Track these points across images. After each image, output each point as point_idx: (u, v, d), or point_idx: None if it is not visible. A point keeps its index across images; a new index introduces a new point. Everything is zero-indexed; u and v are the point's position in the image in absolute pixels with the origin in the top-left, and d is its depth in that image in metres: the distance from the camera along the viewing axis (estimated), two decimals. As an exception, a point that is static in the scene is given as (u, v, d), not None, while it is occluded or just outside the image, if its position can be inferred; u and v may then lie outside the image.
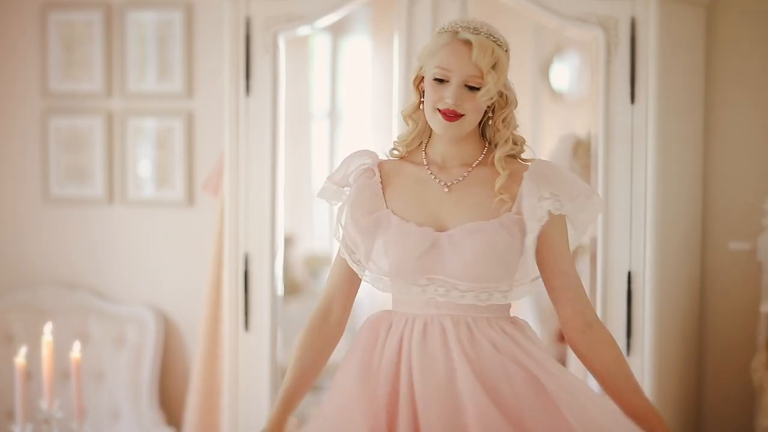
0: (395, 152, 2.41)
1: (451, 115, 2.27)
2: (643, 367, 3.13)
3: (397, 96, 3.32)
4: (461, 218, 2.29)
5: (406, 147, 2.39)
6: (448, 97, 2.26)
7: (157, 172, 4.08)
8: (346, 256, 2.36)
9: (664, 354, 3.19)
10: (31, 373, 3.78)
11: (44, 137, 4.17)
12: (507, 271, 2.28)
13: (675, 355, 3.30)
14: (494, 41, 2.29)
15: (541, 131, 4.48)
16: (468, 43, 2.27)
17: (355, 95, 4.83)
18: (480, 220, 2.28)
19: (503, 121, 2.35)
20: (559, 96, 4.51)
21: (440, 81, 2.28)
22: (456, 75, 2.27)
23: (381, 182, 2.37)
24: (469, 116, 2.29)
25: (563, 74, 4.47)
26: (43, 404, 3.16)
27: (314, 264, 5.15)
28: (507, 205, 2.29)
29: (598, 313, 3.14)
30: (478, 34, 2.27)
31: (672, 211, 3.24)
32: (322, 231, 5.20)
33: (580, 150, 3.80)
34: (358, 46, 4.78)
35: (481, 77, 2.26)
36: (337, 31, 4.62)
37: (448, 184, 2.32)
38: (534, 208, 2.27)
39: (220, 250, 3.59)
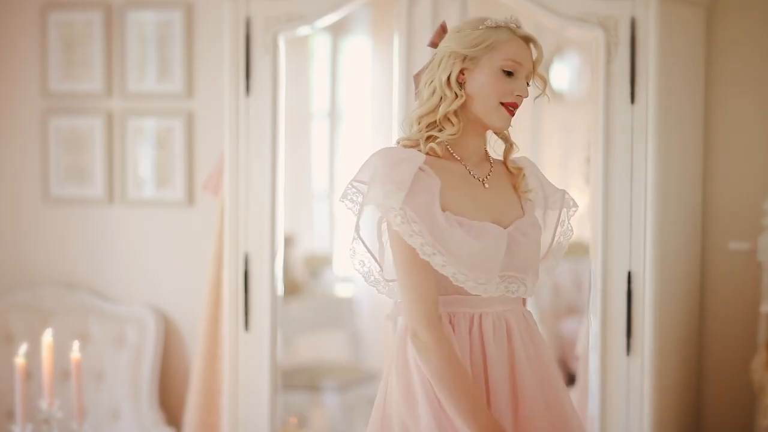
0: (431, 151, 2.29)
1: (514, 108, 2.30)
2: (643, 367, 3.14)
3: (397, 96, 3.32)
4: (510, 213, 2.31)
5: (447, 148, 2.30)
6: (520, 90, 2.28)
7: (157, 172, 4.08)
8: (429, 257, 2.21)
9: (664, 354, 3.19)
10: (31, 373, 3.78)
11: (44, 137, 4.18)
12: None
13: (675, 355, 3.31)
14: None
15: (542, 131, 4.49)
16: (528, 40, 2.30)
17: (355, 95, 4.84)
18: (518, 212, 2.33)
19: None
20: (559, 96, 4.51)
21: (509, 74, 2.27)
22: (523, 69, 2.28)
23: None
24: (516, 109, 2.33)
25: (563, 74, 4.47)
26: (43, 404, 3.16)
27: (314, 264, 5.15)
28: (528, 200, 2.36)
29: (598, 312, 3.15)
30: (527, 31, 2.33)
31: (672, 211, 3.24)
32: (322, 231, 5.20)
33: None
34: (358, 46, 4.78)
35: (531, 75, 2.32)
36: (337, 31, 4.62)
37: (482, 179, 2.31)
38: (556, 200, 2.38)
39: (220, 250, 3.59)
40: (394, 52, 3.32)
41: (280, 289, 3.44)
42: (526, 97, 2.31)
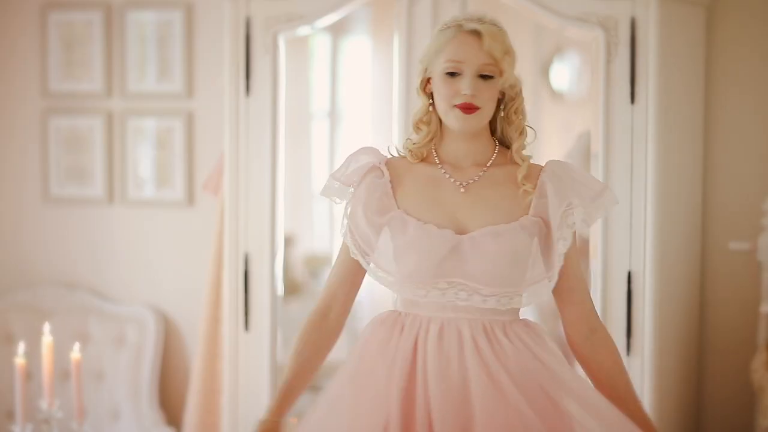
0: (406, 157, 2.35)
1: (469, 108, 2.24)
2: (643, 367, 3.13)
3: (397, 96, 3.32)
4: (480, 220, 2.26)
5: (420, 154, 2.33)
6: (464, 88, 2.23)
7: (157, 172, 4.08)
8: (359, 258, 2.31)
9: (664, 354, 3.19)
10: (31, 373, 3.78)
11: (44, 137, 4.17)
12: (525, 275, 2.26)
13: (675, 355, 3.30)
14: (500, 29, 2.27)
15: (541, 131, 4.48)
16: (476, 33, 2.24)
17: (355, 95, 4.83)
18: (499, 222, 2.25)
19: (515, 111, 2.33)
20: (559, 96, 4.50)
21: (452, 75, 2.24)
22: (469, 66, 2.23)
23: (391, 182, 2.32)
24: (486, 107, 2.26)
25: (563, 74, 4.47)
26: (43, 404, 3.16)
27: (314, 264, 5.15)
28: (527, 199, 2.27)
29: (598, 313, 3.14)
30: (483, 23, 2.25)
31: (672, 211, 3.24)
32: (322, 231, 5.20)
33: None
34: (358, 46, 4.78)
35: (495, 65, 2.24)
36: (337, 31, 4.61)
37: (464, 184, 2.29)
38: (564, 215, 2.27)
39: (220, 250, 3.59)
40: (394, 52, 3.32)
41: (280, 289, 3.44)
42: (472, 94, 2.23)
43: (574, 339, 2.32)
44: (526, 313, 2.40)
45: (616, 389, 2.27)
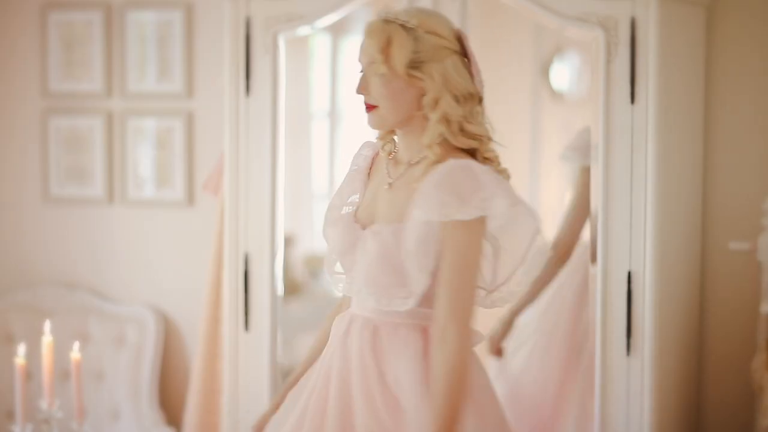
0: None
1: (366, 107, 2.27)
2: (643, 367, 3.13)
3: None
4: (381, 217, 2.27)
5: (386, 147, 2.38)
6: (357, 87, 2.27)
7: (157, 172, 4.09)
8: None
9: (664, 354, 3.19)
10: (31, 373, 3.78)
11: (44, 137, 4.18)
12: (402, 278, 2.21)
13: (675, 355, 3.30)
14: (394, 21, 2.22)
15: (541, 131, 4.49)
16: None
17: (355, 95, 4.84)
18: (392, 221, 2.23)
19: (430, 104, 2.24)
20: (559, 96, 4.51)
21: (362, 72, 2.30)
22: (361, 65, 2.27)
23: (369, 173, 2.37)
24: (383, 105, 2.25)
25: (563, 74, 4.47)
26: (43, 404, 3.16)
27: (314, 264, 5.15)
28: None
29: (598, 313, 3.15)
30: (378, 20, 2.24)
31: (672, 211, 3.24)
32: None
33: None
34: (358, 46, 4.78)
35: (379, 63, 2.22)
36: (337, 31, 4.61)
37: (391, 181, 2.30)
38: (419, 210, 2.20)
39: (220, 250, 3.59)
40: (394, 52, 3.31)
41: (280, 289, 3.44)
42: (358, 92, 2.25)
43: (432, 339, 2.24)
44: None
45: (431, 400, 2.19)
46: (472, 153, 2.28)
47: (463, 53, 2.28)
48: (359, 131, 4.90)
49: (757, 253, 3.35)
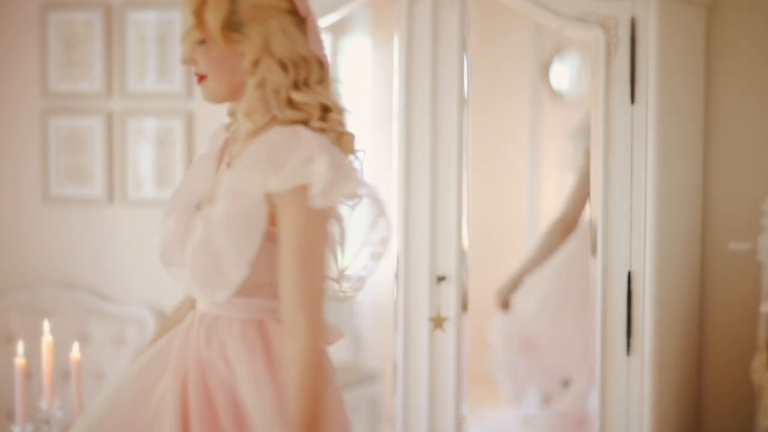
0: None
1: (197, 77, 2.06)
2: (643, 367, 3.13)
3: (397, 96, 3.32)
4: (214, 201, 2.06)
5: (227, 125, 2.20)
6: None
7: (157, 172, 4.08)
8: None
9: (664, 354, 3.19)
10: (31, 373, 3.78)
11: (44, 137, 4.17)
12: (215, 264, 2.01)
13: (675, 355, 3.30)
14: None
15: (541, 131, 4.49)
16: None
17: (355, 95, 4.83)
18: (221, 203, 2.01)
19: (248, 69, 2.01)
20: (559, 96, 4.51)
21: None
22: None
23: (222, 155, 2.18)
24: (210, 75, 2.03)
25: (563, 74, 4.47)
26: (43, 404, 3.16)
27: (314, 264, 5.13)
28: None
29: (598, 313, 3.15)
30: None
31: (672, 211, 3.24)
32: (322, 231, 5.18)
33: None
34: (358, 46, 4.77)
35: (199, 28, 2.00)
36: (337, 31, 4.61)
37: (229, 160, 2.11)
38: (231, 180, 1.99)
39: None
40: (394, 52, 3.32)
41: (280, 289, 3.44)
42: (184, 62, 2.04)
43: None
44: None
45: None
46: (306, 124, 2.04)
47: (296, 12, 2.03)
48: (359, 131, 4.90)
49: (757, 253, 3.35)
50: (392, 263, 3.27)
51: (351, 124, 2.06)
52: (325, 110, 2.07)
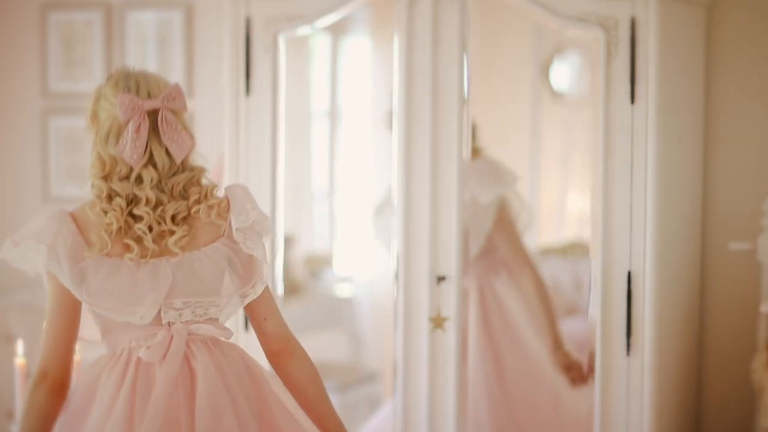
0: None
1: None
2: (643, 367, 3.14)
3: (397, 96, 3.32)
4: None
5: None
6: None
7: (157, 172, 4.08)
8: None
9: (664, 354, 3.19)
10: (31, 373, 3.77)
11: (44, 137, 4.18)
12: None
13: (675, 355, 3.31)
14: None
15: (541, 131, 4.49)
16: None
17: (355, 95, 4.83)
18: None
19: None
20: (559, 96, 4.51)
21: None
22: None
23: None
24: None
25: (563, 74, 4.47)
26: (43, 404, 3.16)
27: (314, 264, 5.15)
28: None
29: (598, 313, 3.15)
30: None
31: (672, 211, 3.24)
32: (322, 231, 5.20)
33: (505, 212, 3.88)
34: (358, 46, 4.77)
35: None
36: (337, 31, 4.61)
37: None
38: None
39: (220, 250, 3.59)
40: (394, 52, 3.32)
41: (280, 289, 3.44)
42: None
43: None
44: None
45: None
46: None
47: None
48: (359, 131, 4.90)
49: (757, 253, 3.35)
50: (392, 263, 3.28)
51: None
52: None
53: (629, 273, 3.15)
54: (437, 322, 3.21)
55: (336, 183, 5.13)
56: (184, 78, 4.02)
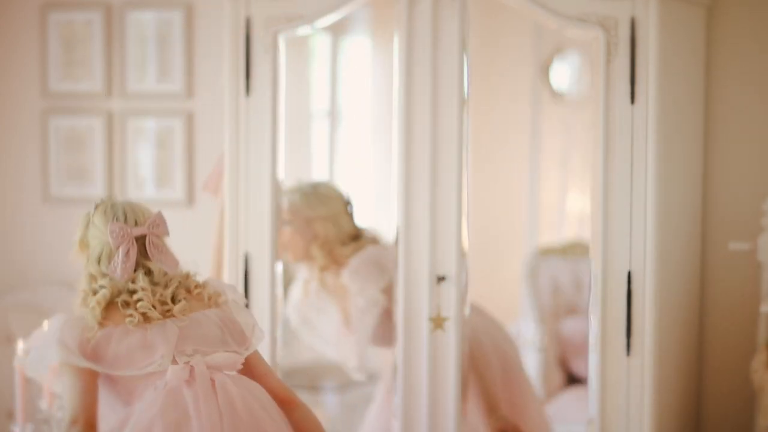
0: None
1: None
2: (643, 367, 3.14)
3: (397, 96, 3.32)
4: None
5: None
6: None
7: (157, 172, 4.08)
8: None
9: (664, 354, 3.19)
10: (31, 373, 3.77)
11: (44, 137, 4.18)
12: None
13: (675, 355, 3.31)
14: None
15: (541, 131, 4.49)
16: None
17: (355, 95, 4.83)
18: None
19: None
20: (559, 96, 4.51)
21: None
22: None
23: None
24: None
25: (563, 74, 4.47)
26: (43, 404, 3.16)
27: (314, 264, 5.13)
28: None
29: (598, 313, 3.15)
30: None
31: (672, 211, 3.24)
32: (322, 231, 5.19)
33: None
34: (358, 46, 4.77)
35: None
36: (337, 31, 4.61)
37: None
38: None
39: (220, 250, 3.59)
40: (394, 52, 3.32)
41: (280, 289, 3.44)
42: None
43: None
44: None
45: None
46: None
47: None
48: (359, 131, 4.90)
49: (757, 253, 3.36)
50: (392, 263, 3.27)
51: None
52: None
53: (629, 273, 3.15)
54: (437, 322, 3.21)
55: (336, 183, 5.13)
56: (184, 78, 4.02)
